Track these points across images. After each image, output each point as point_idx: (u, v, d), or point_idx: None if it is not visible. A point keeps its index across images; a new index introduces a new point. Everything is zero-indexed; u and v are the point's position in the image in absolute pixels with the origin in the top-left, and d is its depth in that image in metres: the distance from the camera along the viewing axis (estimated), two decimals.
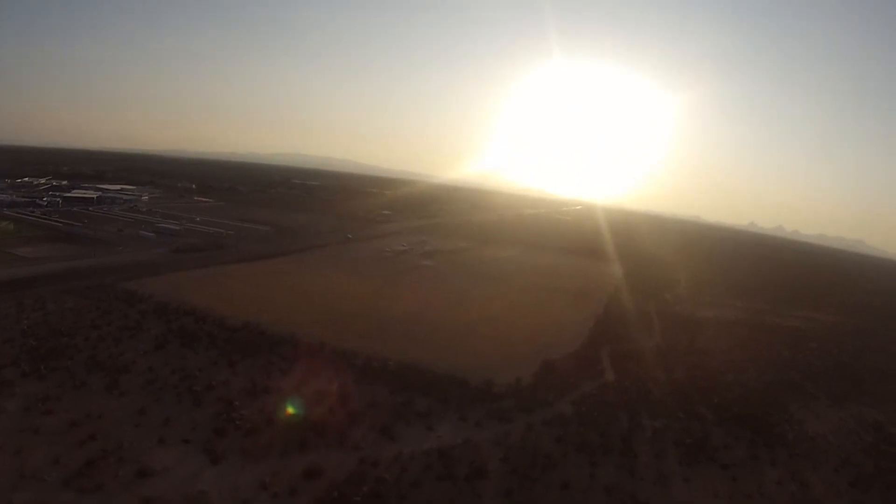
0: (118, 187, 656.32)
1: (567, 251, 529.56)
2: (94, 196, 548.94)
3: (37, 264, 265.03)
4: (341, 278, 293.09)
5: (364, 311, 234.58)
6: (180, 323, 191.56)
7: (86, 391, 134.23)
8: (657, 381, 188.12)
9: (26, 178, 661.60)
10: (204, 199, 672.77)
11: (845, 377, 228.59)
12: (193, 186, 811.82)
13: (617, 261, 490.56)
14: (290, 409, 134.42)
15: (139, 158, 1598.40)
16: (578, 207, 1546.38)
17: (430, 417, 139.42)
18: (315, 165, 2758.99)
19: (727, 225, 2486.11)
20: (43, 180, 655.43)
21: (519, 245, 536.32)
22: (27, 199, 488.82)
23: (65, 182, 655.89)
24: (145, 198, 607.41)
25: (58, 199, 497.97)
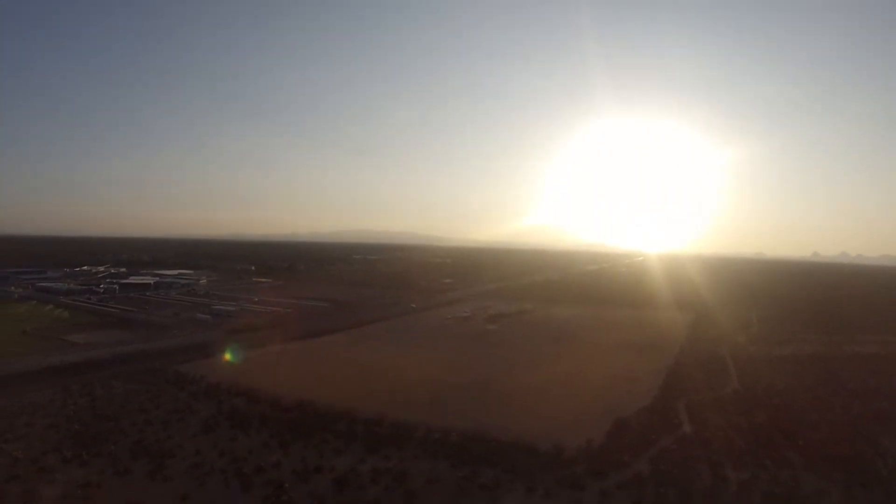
0: (176, 272, 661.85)
1: (632, 304, 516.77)
2: (152, 282, 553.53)
3: (88, 350, 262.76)
4: (401, 350, 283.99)
5: (425, 381, 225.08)
6: (232, 404, 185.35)
7: (128, 477, 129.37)
8: (739, 428, 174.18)
9: (84, 267, 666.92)
10: (263, 280, 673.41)
11: None
12: (252, 268, 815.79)
13: (684, 309, 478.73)
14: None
15: (199, 244, 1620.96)
16: (640, 259, 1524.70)
17: (497, 490, 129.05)
18: (375, 240, 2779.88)
19: (790, 258, 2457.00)
20: (102, 268, 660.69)
21: (583, 302, 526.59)
22: (84, 287, 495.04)
23: (123, 269, 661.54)
24: (203, 281, 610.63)
25: (115, 286, 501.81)
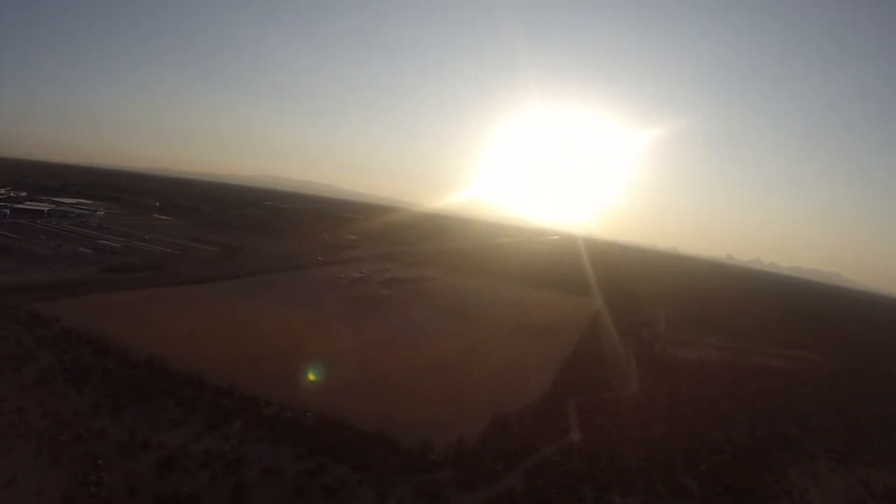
0: (74, 201, 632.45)
1: (539, 283, 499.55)
2: (45, 209, 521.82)
3: None
4: (280, 310, 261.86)
5: (294, 348, 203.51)
6: (76, 354, 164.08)
7: None
8: (633, 441, 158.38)
9: None
10: (163, 217, 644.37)
11: (847, 428, 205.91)
12: (157, 204, 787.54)
13: (592, 294, 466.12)
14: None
15: (113, 174, 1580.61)
16: (555, 237, 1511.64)
17: (340, 494, 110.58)
18: (295, 189, 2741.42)
19: (705, 257, 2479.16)
20: (2, 191, 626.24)
21: (489, 275, 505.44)
22: None
23: (23, 194, 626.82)
24: (100, 213, 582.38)
25: (5, 211, 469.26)
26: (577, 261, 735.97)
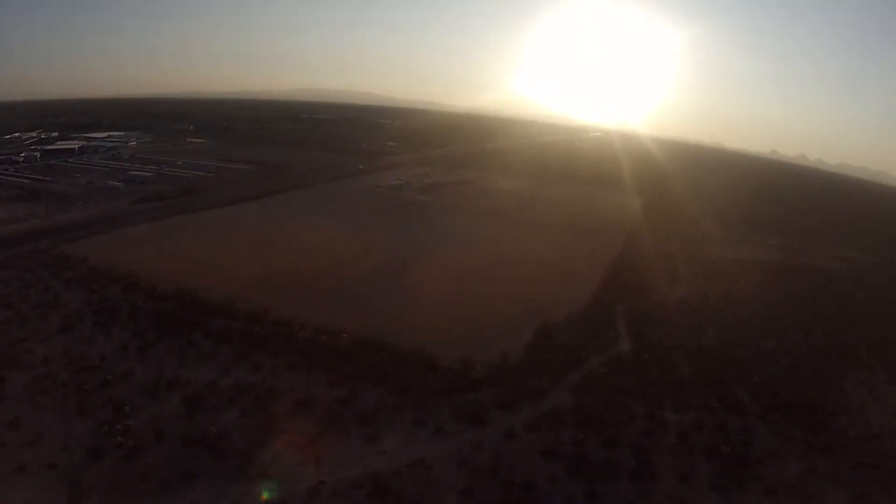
0: (105, 135, 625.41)
1: (583, 181, 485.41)
2: (76, 147, 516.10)
3: None
4: (314, 224, 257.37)
5: (327, 266, 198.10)
6: (104, 293, 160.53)
7: None
8: (685, 350, 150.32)
9: (16, 134, 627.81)
10: (197, 140, 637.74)
11: None
12: (191, 127, 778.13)
13: (637, 193, 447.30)
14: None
15: (145, 103, 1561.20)
16: (597, 134, 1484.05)
17: (377, 421, 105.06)
18: (333, 99, 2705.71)
19: (749, 153, 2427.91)
20: (34, 134, 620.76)
21: (530, 175, 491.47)
22: (4, 157, 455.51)
23: (55, 134, 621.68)
24: (133, 143, 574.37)
25: (35, 154, 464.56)
26: (621, 158, 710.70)
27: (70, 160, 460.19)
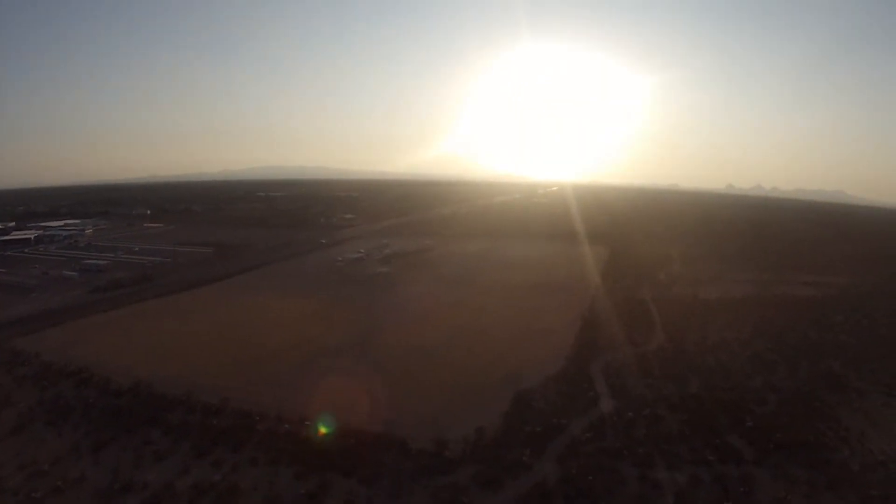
0: (62, 223, 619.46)
1: (543, 237, 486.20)
2: (32, 236, 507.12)
3: None
4: (275, 303, 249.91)
5: (290, 345, 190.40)
6: (56, 391, 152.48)
7: None
8: (669, 402, 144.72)
9: None
10: (154, 225, 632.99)
11: (888, 355, 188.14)
12: (148, 212, 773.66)
13: (599, 243, 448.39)
14: None
15: (102, 189, 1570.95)
16: (554, 189, 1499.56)
17: None
18: (289, 176, 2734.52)
19: (706, 190, 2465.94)
20: None
21: (490, 237, 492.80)
22: None
23: (12, 224, 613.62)
24: (89, 231, 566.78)
25: None
26: (579, 210, 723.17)
27: (26, 250, 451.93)
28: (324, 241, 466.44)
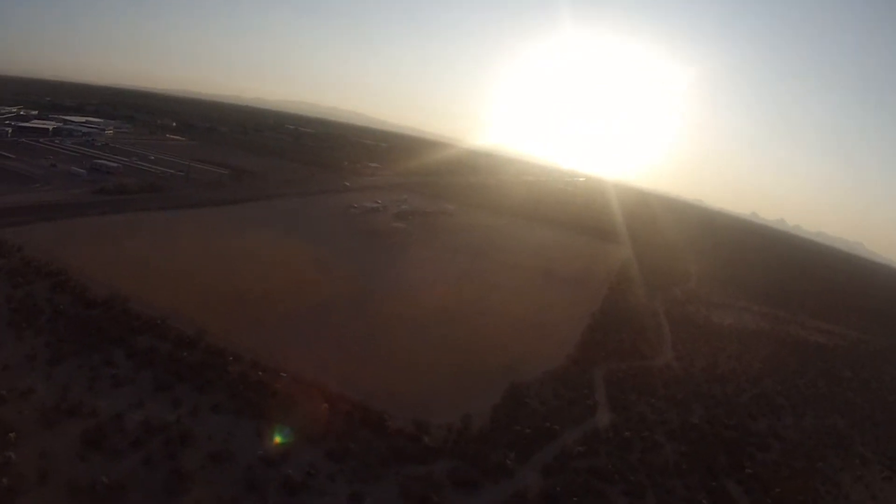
0: (83, 119, 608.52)
1: (565, 226, 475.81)
2: (50, 127, 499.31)
3: None
4: (277, 242, 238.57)
5: (283, 290, 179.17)
6: (29, 290, 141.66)
7: None
8: (670, 428, 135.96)
9: None
10: (175, 138, 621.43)
11: (894, 423, 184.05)
12: (173, 124, 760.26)
13: (619, 241, 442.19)
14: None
15: (135, 95, 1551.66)
16: (582, 180, 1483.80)
17: (303, 492, 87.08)
18: (321, 115, 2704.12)
19: (730, 213, 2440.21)
20: (14, 109, 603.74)
21: (512, 214, 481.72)
22: None
23: (34, 112, 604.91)
24: (109, 131, 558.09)
25: (7, 129, 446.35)
26: (603, 205, 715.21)
27: (41, 140, 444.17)
28: (348, 183, 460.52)
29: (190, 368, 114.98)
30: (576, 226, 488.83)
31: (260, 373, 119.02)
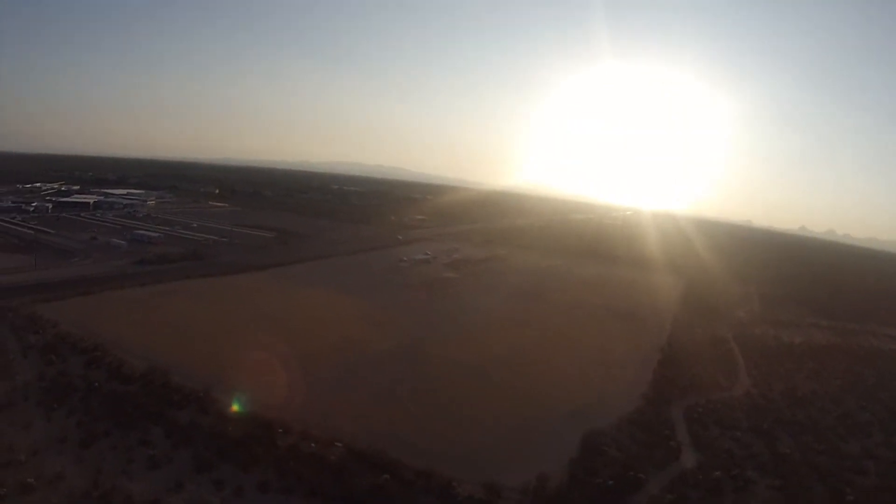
0: (124, 191, 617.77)
1: (617, 261, 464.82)
2: (91, 201, 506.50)
3: None
4: (325, 299, 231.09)
5: (330, 350, 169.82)
6: (62, 367, 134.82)
7: None
8: (760, 462, 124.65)
9: (37, 184, 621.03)
10: (219, 204, 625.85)
11: None
12: (216, 191, 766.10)
13: (674, 272, 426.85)
14: None
15: (178, 166, 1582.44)
16: (628, 213, 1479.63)
17: None
18: (366, 173, 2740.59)
19: (779, 229, 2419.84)
20: (55, 185, 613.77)
21: (562, 253, 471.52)
22: (15, 205, 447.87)
23: (76, 187, 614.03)
24: (151, 202, 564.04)
25: (48, 205, 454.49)
26: (653, 236, 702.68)
27: (82, 214, 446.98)
28: (400, 237, 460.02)
29: (234, 444, 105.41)
30: (627, 259, 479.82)
31: (312, 444, 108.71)
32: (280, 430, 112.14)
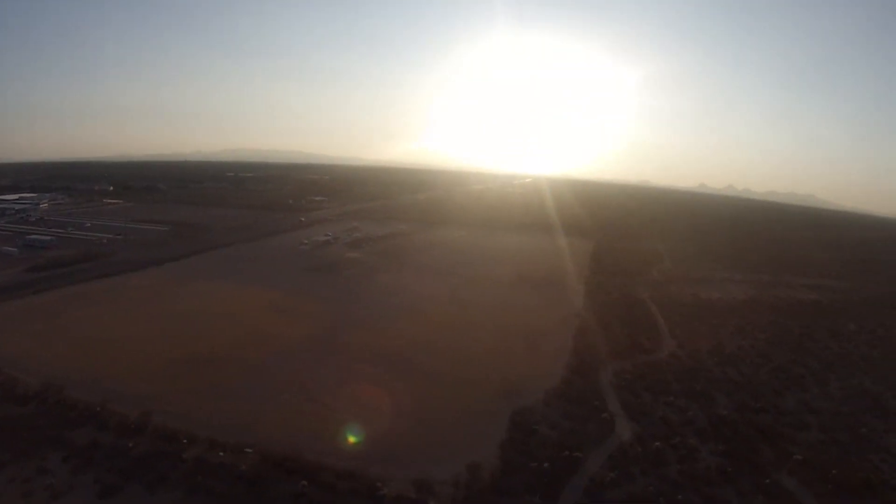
0: (16, 197, 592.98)
1: (522, 228, 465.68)
2: None
3: None
4: (226, 291, 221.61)
5: (237, 344, 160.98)
6: None
7: None
8: (699, 426, 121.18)
9: None
10: (113, 202, 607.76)
11: None
12: (110, 189, 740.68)
13: (581, 236, 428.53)
14: None
15: (72, 167, 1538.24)
16: (528, 180, 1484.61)
17: None
18: (262, 158, 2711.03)
19: (678, 188, 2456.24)
20: None
21: (467, 225, 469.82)
22: None
23: None
24: (43, 205, 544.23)
25: None
26: (555, 202, 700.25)
27: None
28: (303, 219, 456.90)
29: (138, 462, 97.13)
30: (533, 226, 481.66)
31: (220, 452, 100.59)
32: (185, 441, 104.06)
